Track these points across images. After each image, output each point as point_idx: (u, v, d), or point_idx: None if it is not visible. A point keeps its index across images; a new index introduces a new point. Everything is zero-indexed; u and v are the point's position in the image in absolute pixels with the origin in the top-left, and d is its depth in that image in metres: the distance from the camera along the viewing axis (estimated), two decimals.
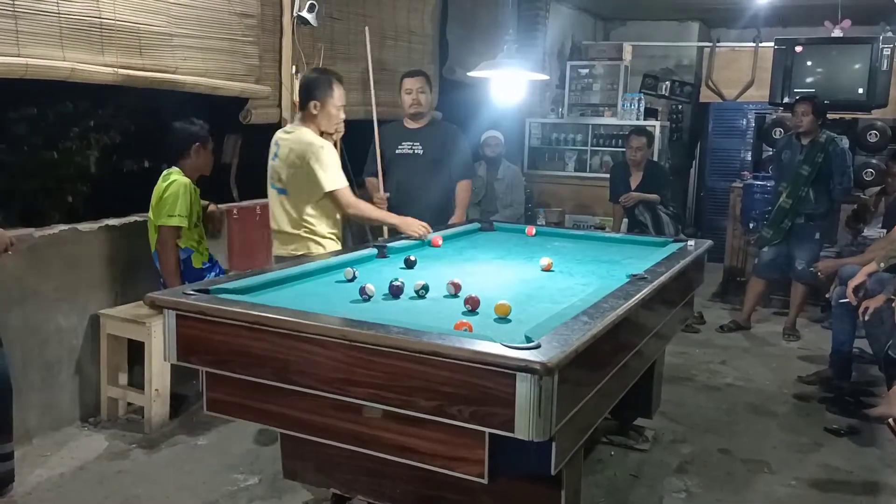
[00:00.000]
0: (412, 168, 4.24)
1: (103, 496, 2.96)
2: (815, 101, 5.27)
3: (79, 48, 3.31)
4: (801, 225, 5.27)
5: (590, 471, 3.18)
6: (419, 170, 4.23)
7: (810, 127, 5.17)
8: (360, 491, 2.41)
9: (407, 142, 4.27)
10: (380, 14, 5.40)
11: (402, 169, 4.26)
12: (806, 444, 3.64)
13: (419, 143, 4.26)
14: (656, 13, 8.40)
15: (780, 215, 5.28)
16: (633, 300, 2.35)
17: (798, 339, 5.32)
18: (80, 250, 3.59)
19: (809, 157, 5.17)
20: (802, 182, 5.18)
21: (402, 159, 4.27)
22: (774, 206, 5.33)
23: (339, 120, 3.36)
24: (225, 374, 2.20)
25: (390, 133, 4.37)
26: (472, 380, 1.80)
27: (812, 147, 5.18)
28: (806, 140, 5.23)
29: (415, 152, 4.26)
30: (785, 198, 5.24)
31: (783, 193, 5.25)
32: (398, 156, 4.27)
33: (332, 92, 3.27)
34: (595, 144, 7.56)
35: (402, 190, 4.23)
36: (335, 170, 3.19)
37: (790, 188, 5.22)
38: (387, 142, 4.31)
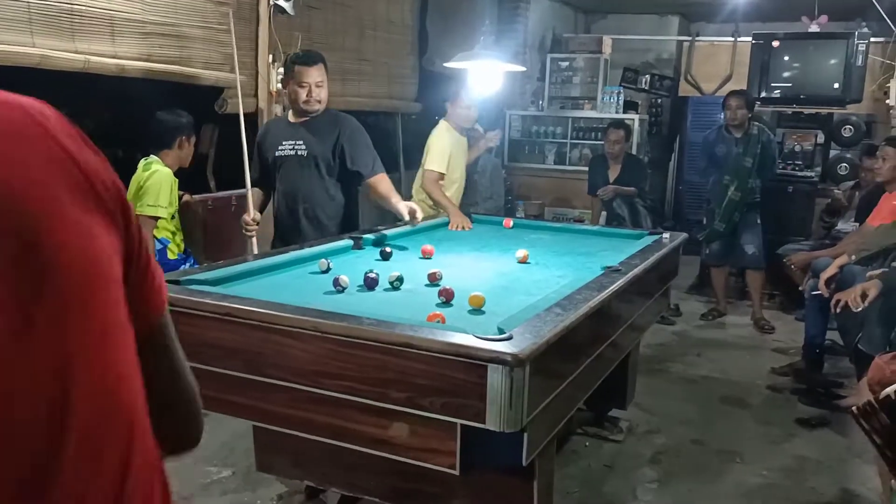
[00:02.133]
0: (295, 172, 3.43)
1: None
2: (747, 94, 5.55)
3: (49, 35, 3.24)
4: (744, 214, 5.45)
5: (564, 461, 3.20)
6: (304, 174, 3.42)
7: (743, 120, 5.35)
8: (335, 483, 2.41)
9: (288, 140, 3.44)
10: (358, 4, 5.36)
11: (283, 174, 3.48)
12: (778, 434, 3.68)
13: (302, 141, 3.42)
14: (637, 7, 8.42)
15: (731, 208, 5.42)
16: (606, 292, 2.36)
17: (772, 332, 5.39)
18: None
19: (748, 149, 5.35)
20: (747, 174, 5.35)
21: (283, 162, 3.46)
22: (724, 200, 5.42)
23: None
24: (196, 366, 2.16)
25: (273, 131, 3.57)
26: (445, 371, 1.79)
27: (748, 139, 5.36)
28: (738, 132, 5.39)
29: (297, 153, 3.42)
30: (734, 191, 5.37)
31: (730, 187, 5.37)
32: (279, 158, 3.46)
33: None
34: (575, 137, 7.58)
35: (286, 200, 3.47)
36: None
37: (737, 181, 5.36)
38: (269, 142, 3.52)
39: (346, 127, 3.44)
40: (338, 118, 3.47)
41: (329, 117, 3.46)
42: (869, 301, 3.30)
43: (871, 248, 3.95)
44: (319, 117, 3.43)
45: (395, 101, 5.98)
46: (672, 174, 8.73)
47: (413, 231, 3.62)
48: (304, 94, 3.35)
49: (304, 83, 3.29)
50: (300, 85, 3.28)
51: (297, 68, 3.35)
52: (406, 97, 6.14)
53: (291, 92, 3.34)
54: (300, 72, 3.34)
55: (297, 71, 3.34)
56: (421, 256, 3.02)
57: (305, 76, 3.34)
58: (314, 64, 3.36)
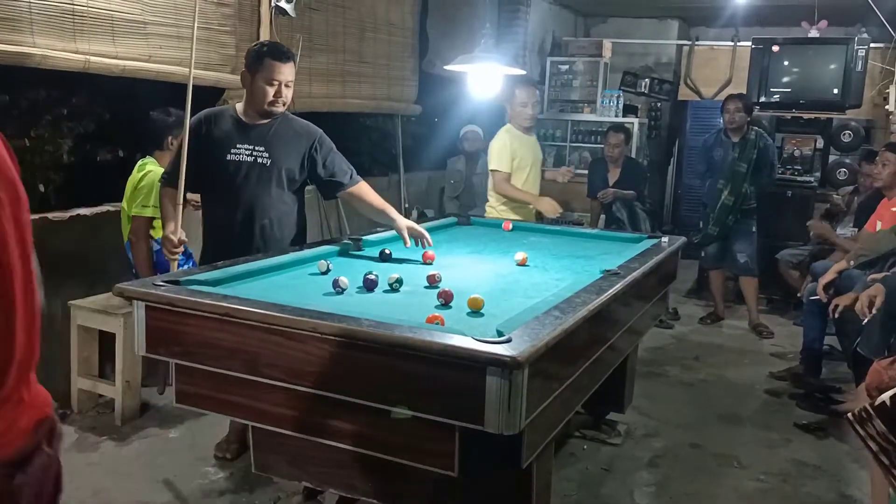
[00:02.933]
0: (252, 182, 2.97)
1: (73, 488, 2.92)
2: (745, 98, 5.56)
3: (50, 35, 3.25)
4: (739, 220, 5.45)
5: (562, 464, 3.21)
6: (264, 185, 2.98)
7: (742, 123, 5.36)
8: (332, 484, 2.40)
9: (244, 144, 2.97)
10: (359, 6, 5.37)
11: (236, 182, 2.96)
12: (776, 439, 3.69)
13: (263, 148, 2.97)
14: (637, 10, 8.43)
15: (724, 212, 5.42)
16: (605, 295, 2.36)
17: (771, 336, 5.39)
18: (50, 240, 3.53)
19: (744, 154, 5.36)
20: (741, 179, 5.35)
21: (237, 168, 2.96)
22: (717, 204, 5.43)
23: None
24: (195, 366, 2.18)
25: (220, 126, 3.01)
26: (443, 373, 1.80)
27: (744, 144, 5.37)
28: (736, 137, 5.41)
29: (257, 160, 2.96)
30: (727, 195, 5.38)
31: (724, 191, 5.38)
32: (231, 162, 2.96)
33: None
34: (574, 140, 7.59)
35: (238, 212, 2.98)
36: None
37: (731, 186, 5.37)
38: (215, 139, 2.99)
39: (315, 137, 3.07)
40: (306, 128, 3.09)
41: (295, 125, 3.07)
42: (877, 308, 3.27)
43: (869, 254, 3.96)
44: (282, 123, 3.02)
45: (394, 103, 5.98)
46: (671, 178, 8.74)
47: None
48: (272, 93, 2.93)
49: (274, 81, 2.91)
50: (269, 82, 2.90)
51: (268, 62, 2.89)
52: (406, 99, 6.14)
53: (255, 88, 2.91)
54: (272, 67, 2.90)
55: (267, 65, 2.89)
56: (422, 262, 2.93)
57: (276, 73, 2.91)
58: (288, 61, 2.95)
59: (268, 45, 2.98)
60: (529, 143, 4.49)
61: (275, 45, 2.93)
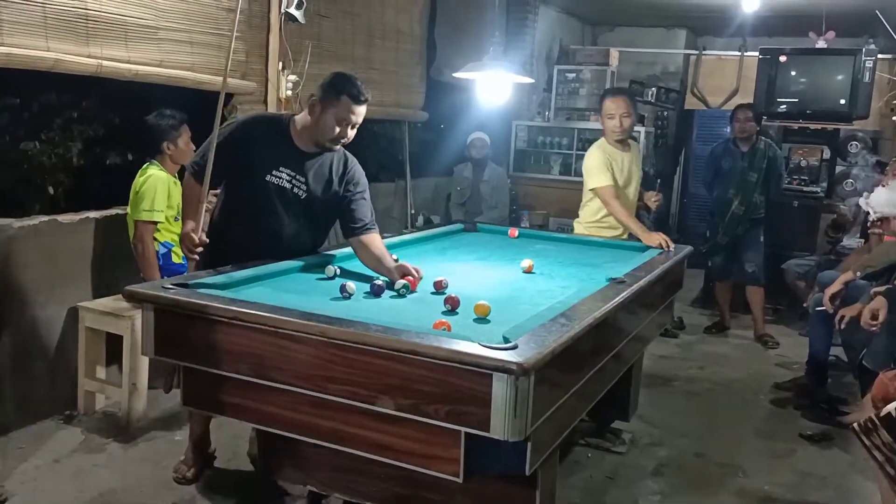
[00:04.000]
0: (282, 208, 2.81)
1: (79, 490, 2.94)
2: (755, 108, 5.56)
3: (63, 39, 3.28)
4: (748, 229, 5.44)
5: (566, 472, 3.20)
6: (294, 215, 2.84)
7: (751, 133, 5.36)
8: (337, 489, 2.41)
9: (288, 169, 2.80)
10: (368, 13, 5.40)
11: (270, 203, 2.80)
12: (780, 449, 3.68)
13: (303, 179, 2.81)
14: (644, 20, 8.46)
15: (734, 222, 5.42)
16: (611, 303, 2.37)
17: (777, 346, 5.38)
18: (59, 242, 3.56)
19: (754, 163, 5.35)
20: (752, 188, 5.35)
21: (272, 191, 2.79)
22: (727, 214, 5.42)
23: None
24: (202, 369, 2.19)
25: (268, 140, 2.82)
26: (449, 379, 1.81)
27: (754, 153, 5.36)
28: (745, 146, 5.40)
29: (295, 189, 2.81)
30: (738, 205, 5.38)
31: (734, 200, 5.37)
32: (269, 183, 2.78)
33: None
34: (581, 148, 7.56)
35: (263, 233, 2.83)
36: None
37: (741, 195, 5.36)
38: (259, 152, 2.79)
39: (353, 171, 2.93)
40: (347, 160, 2.93)
41: (339, 163, 2.91)
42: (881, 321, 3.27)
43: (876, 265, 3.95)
44: (329, 157, 2.88)
45: (402, 110, 6.00)
46: (677, 187, 8.74)
47: (421, 239, 3.64)
48: (340, 131, 2.73)
49: (347, 120, 2.72)
50: (340, 120, 2.71)
51: (345, 100, 2.69)
52: (413, 106, 6.17)
53: (323, 121, 2.72)
54: (348, 107, 2.70)
55: (343, 103, 2.69)
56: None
57: (350, 113, 2.71)
58: (364, 102, 2.75)
59: (349, 81, 2.73)
60: (622, 160, 4.09)
61: (355, 83, 2.71)
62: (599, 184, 3.97)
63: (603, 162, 4.02)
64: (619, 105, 4.02)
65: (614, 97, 4.10)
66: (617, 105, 4.02)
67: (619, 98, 4.09)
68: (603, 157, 4.04)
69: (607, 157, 4.04)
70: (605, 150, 4.09)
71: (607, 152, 4.06)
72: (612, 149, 4.08)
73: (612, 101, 4.06)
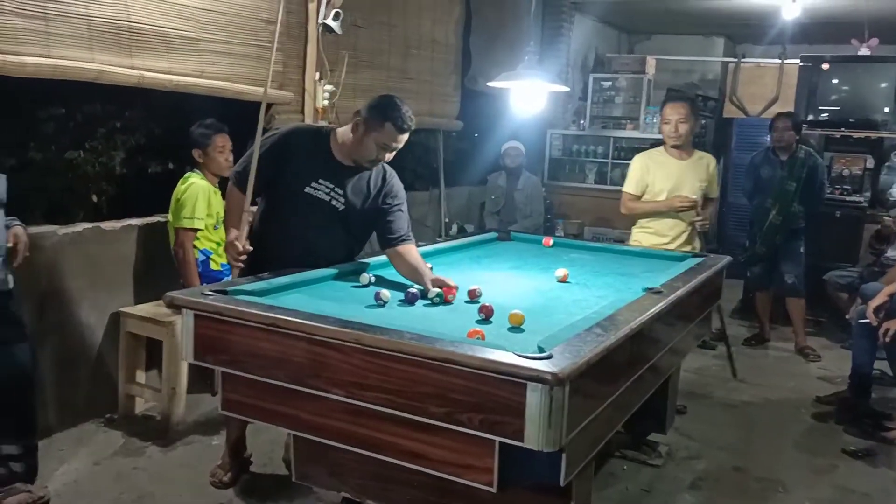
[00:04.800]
0: (318, 220, 2.84)
1: (118, 492, 3.00)
2: (795, 116, 5.45)
3: (107, 51, 3.37)
4: (787, 240, 5.33)
5: (601, 484, 3.17)
6: (330, 227, 2.87)
7: (790, 142, 5.26)
8: (371, 496, 2.41)
9: (327, 181, 2.82)
10: (404, 23, 5.44)
11: (307, 214, 2.83)
12: (822, 464, 3.59)
13: (342, 192, 2.84)
14: (681, 28, 8.38)
15: (772, 231, 5.32)
16: (647, 314, 2.35)
17: (818, 359, 5.26)
18: (102, 249, 3.64)
19: (793, 172, 5.25)
20: (790, 198, 5.25)
21: (310, 202, 2.82)
22: (765, 223, 5.33)
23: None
24: (240, 374, 2.22)
25: (308, 151, 2.85)
26: (483, 388, 1.81)
27: (793, 162, 5.26)
28: (784, 155, 5.30)
29: (332, 202, 2.83)
30: (776, 214, 5.28)
31: (772, 210, 5.28)
32: (307, 195, 2.81)
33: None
34: (616, 157, 7.55)
35: (299, 243, 2.85)
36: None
37: (779, 205, 5.26)
38: (297, 165, 2.83)
39: (391, 184, 2.96)
40: (385, 173, 2.96)
41: (378, 177, 2.94)
42: None
43: None
44: (368, 172, 2.92)
45: (437, 119, 6.03)
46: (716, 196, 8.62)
47: (455, 248, 3.64)
48: (379, 153, 2.78)
49: (388, 147, 2.77)
50: (382, 145, 2.75)
51: (389, 128, 2.71)
52: (448, 115, 6.19)
53: (364, 142, 2.75)
54: (391, 135, 2.73)
55: (388, 130, 2.72)
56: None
57: (393, 141, 2.76)
58: (408, 131, 2.78)
59: (395, 108, 2.73)
60: (673, 167, 4.04)
61: (401, 111, 2.72)
62: (624, 189, 4.20)
63: (635, 168, 4.13)
64: (676, 110, 4.02)
65: (673, 102, 4.13)
66: (675, 110, 4.02)
67: (677, 103, 4.10)
68: (638, 163, 4.11)
69: (645, 164, 4.08)
70: (649, 156, 4.14)
71: (651, 159, 4.10)
72: (662, 155, 4.10)
73: (671, 106, 4.08)
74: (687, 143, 4.09)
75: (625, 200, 4.20)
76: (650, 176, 4.09)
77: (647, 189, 4.12)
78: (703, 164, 4.14)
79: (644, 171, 4.10)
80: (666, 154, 4.10)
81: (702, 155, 4.19)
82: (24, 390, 2.89)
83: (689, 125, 3.99)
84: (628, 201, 4.18)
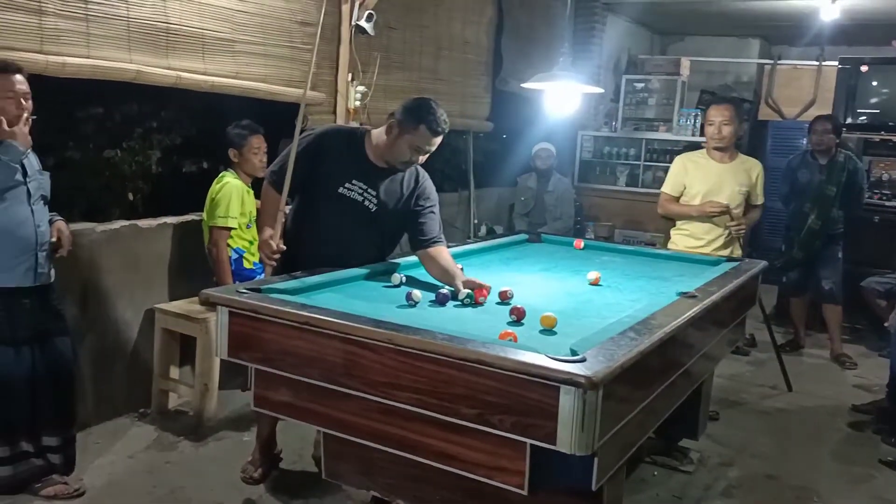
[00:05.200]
0: (351, 220, 2.84)
1: (151, 485, 3.04)
2: (834, 119, 5.33)
3: (145, 51, 3.42)
4: (825, 245, 5.23)
5: (632, 490, 3.14)
6: (362, 228, 2.87)
7: (830, 145, 5.15)
8: (401, 496, 2.42)
9: (360, 182, 2.83)
10: (436, 25, 5.45)
11: (341, 214, 2.83)
12: (858, 474, 3.52)
13: (375, 193, 2.84)
14: (716, 29, 8.27)
15: (811, 237, 5.22)
16: (682, 318, 2.32)
17: (855, 367, 5.16)
18: (138, 246, 3.70)
19: (833, 176, 5.14)
20: (830, 202, 5.15)
21: (343, 202, 2.82)
22: (803, 228, 5.23)
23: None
24: (273, 372, 2.24)
25: (343, 153, 2.86)
26: (516, 390, 1.80)
27: (833, 166, 5.15)
28: (824, 159, 5.20)
29: (365, 202, 2.83)
30: (814, 219, 5.17)
31: (811, 215, 5.18)
32: (341, 195, 2.82)
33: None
34: (648, 159, 7.48)
35: (330, 243, 2.85)
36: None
37: (818, 209, 5.16)
38: (331, 166, 2.84)
39: (424, 186, 2.95)
40: (418, 175, 2.95)
41: (411, 179, 2.93)
42: None
43: None
44: (402, 173, 2.91)
45: (467, 120, 6.03)
46: None
47: (486, 249, 3.64)
48: (412, 156, 2.78)
49: (421, 149, 2.77)
50: (416, 147, 2.74)
51: (423, 130, 2.70)
52: (478, 116, 6.19)
53: (398, 144, 2.75)
54: (426, 138, 2.72)
55: (422, 133, 2.70)
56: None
57: (427, 144, 2.75)
58: (442, 134, 2.76)
59: (430, 111, 2.71)
60: (713, 170, 4.00)
61: (435, 113, 2.70)
62: (662, 189, 4.19)
63: (674, 169, 4.12)
64: (721, 112, 4.01)
65: (718, 104, 4.12)
66: (719, 112, 4.02)
67: (722, 105, 4.09)
68: (677, 164, 4.11)
69: (683, 165, 4.08)
70: (689, 157, 4.12)
71: (691, 160, 4.08)
72: (703, 157, 4.08)
73: (716, 108, 4.08)
74: (730, 146, 4.05)
75: (661, 201, 4.21)
76: (688, 177, 4.05)
77: (684, 190, 4.09)
78: (745, 169, 4.08)
79: (682, 172, 4.07)
80: (707, 156, 4.07)
81: (746, 160, 4.13)
82: (64, 383, 2.95)
83: (733, 128, 3.96)
84: (665, 202, 4.19)
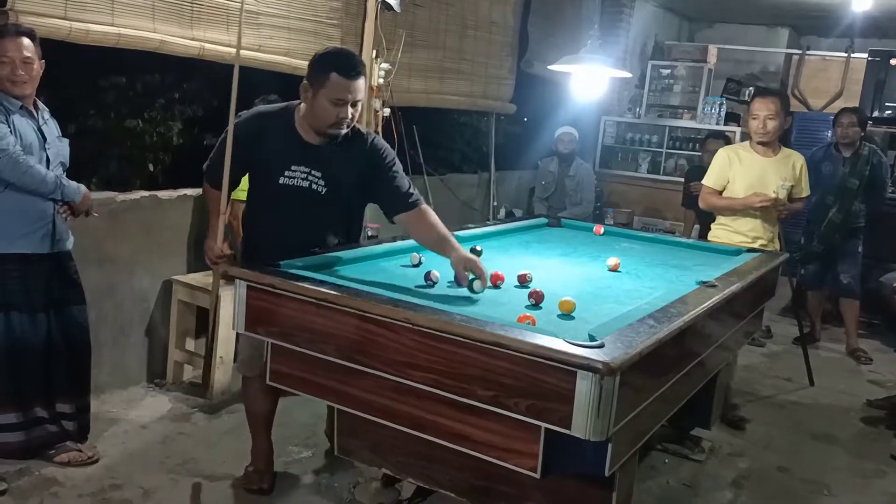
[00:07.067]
0: (305, 208, 2.59)
1: (164, 455, 3.07)
2: (860, 112, 5.26)
3: (169, 21, 3.41)
4: (845, 239, 5.18)
5: (642, 476, 3.13)
6: (320, 212, 2.62)
7: (855, 138, 5.09)
8: (412, 474, 2.43)
9: (300, 165, 2.55)
10: (462, 3, 5.39)
11: (289, 206, 2.59)
12: (870, 469, 3.50)
13: (321, 175, 2.56)
14: (745, 17, 8.14)
15: (831, 230, 5.16)
16: (701, 307, 2.30)
17: (870, 363, 5.12)
18: (157, 217, 3.72)
19: (856, 169, 5.07)
20: (852, 195, 5.08)
21: (289, 193, 2.57)
22: (824, 221, 5.16)
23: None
24: (290, 347, 2.25)
25: (274, 138, 2.58)
26: (532, 373, 1.79)
27: (856, 159, 5.09)
28: (848, 152, 5.13)
29: (312, 186, 2.56)
30: (836, 212, 5.11)
31: (832, 208, 5.11)
32: (283, 187, 2.56)
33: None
34: (671, 147, 7.41)
35: (289, 235, 2.60)
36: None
37: (840, 202, 5.09)
38: (265, 153, 2.60)
39: (375, 144, 2.65)
40: (364, 137, 2.64)
41: (358, 144, 2.61)
42: None
43: None
44: (343, 142, 2.56)
45: (490, 101, 5.99)
46: None
47: (505, 231, 3.62)
48: (336, 114, 2.45)
49: (343, 100, 2.43)
50: (333, 102, 2.43)
51: (334, 78, 2.40)
52: (502, 98, 6.14)
53: (317, 106, 2.46)
54: (338, 85, 2.41)
55: (333, 82, 2.40)
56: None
57: (342, 92, 2.42)
58: (358, 77, 2.44)
59: (334, 55, 2.49)
60: (757, 163, 3.89)
61: (343, 56, 2.47)
62: (703, 182, 4.03)
63: (717, 161, 3.98)
64: (766, 105, 3.83)
65: (763, 97, 3.92)
66: (764, 105, 3.83)
67: (767, 98, 3.88)
68: (721, 157, 3.98)
69: (727, 158, 3.95)
70: (733, 150, 4.03)
71: (735, 153, 3.97)
72: (746, 150, 3.96)
73: (760, 100, 3.89)
74: (774, 141, 3.92)
75: (704, 194, 4.04)
76: (731, 171, 3.93)
77: (727, 184, 3.98)
78: (788, 163, 3.98)
79: (726, 165, 3.94)
80: (751, 150, 3.93)
81: (789, 153, 4.03)
82: (80, 351, 2.98)
83: (779, 122, 3.82)
84: (707, 195, 4.01)
